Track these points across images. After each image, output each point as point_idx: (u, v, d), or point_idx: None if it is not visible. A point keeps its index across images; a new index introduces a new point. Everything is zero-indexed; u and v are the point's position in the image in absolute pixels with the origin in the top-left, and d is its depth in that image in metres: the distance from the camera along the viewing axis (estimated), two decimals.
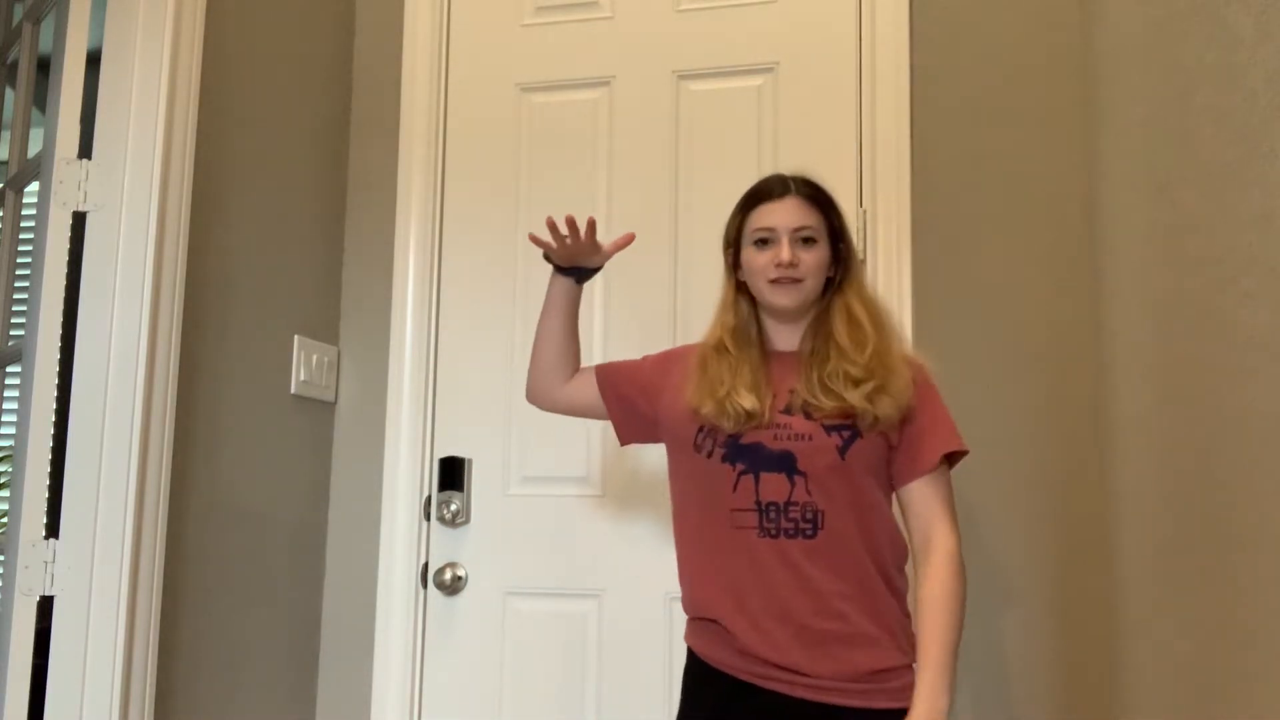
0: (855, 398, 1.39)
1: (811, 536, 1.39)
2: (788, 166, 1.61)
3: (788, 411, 1.44)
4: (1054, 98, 1.89)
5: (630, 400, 1.57)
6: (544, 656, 1.99)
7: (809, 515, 1.39)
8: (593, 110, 2.10)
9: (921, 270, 1.90)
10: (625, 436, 1.60)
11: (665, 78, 2.07)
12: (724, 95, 2.05)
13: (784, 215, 1.45)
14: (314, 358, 2.03)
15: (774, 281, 1.44)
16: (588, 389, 1.59)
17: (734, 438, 1.42)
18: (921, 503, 1.42)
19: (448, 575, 2.02)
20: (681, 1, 2.09)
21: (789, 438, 1.41)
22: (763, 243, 1.45)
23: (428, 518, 2.05)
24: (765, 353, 1.50)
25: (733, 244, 1.52)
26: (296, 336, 1.98)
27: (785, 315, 1.48)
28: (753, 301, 1.52)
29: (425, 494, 2.06)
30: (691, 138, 2.06)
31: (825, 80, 2.00)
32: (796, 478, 1.40)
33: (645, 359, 1.61)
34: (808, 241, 1.44)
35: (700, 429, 1.45)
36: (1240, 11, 1.01)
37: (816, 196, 1.48)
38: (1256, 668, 1.01)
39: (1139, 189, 1.47)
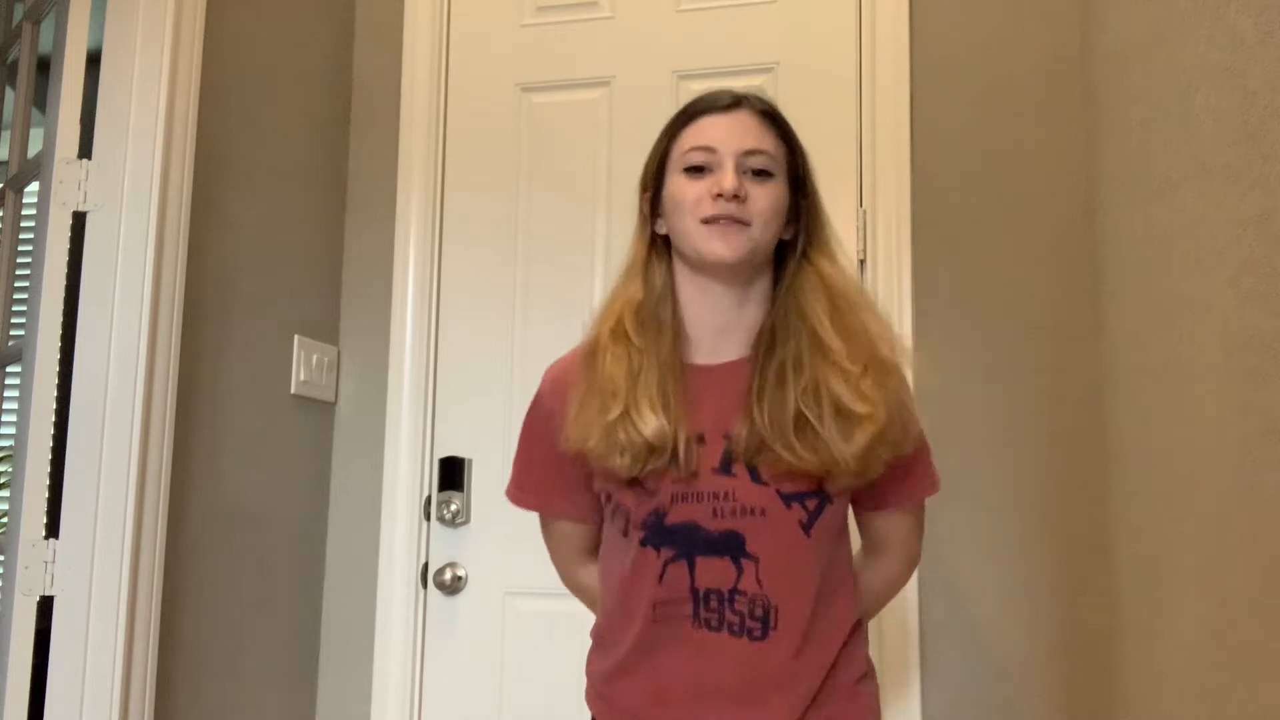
0: (848, 452, 1.03)
1: (761, 638, 1.07)
2: None
3: (725, 468, 1.07)
4: (1054, 98, 1.89)
5: (570, 487, 1.20)
6: (544, 656, 1.99)
7: (758, 612, 1.06)
8: (593, 110, 2.10)
9: (921, 270, 1.90)
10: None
11: (665, 78, 2.07)
12: None
13: (730, 131, 1.10)
14: (314, 358, 2.03)
15: (709, 221, 1.07)
16: (585, 537, 1.26)
17: (656, 514, 1.07)
18: (892, 530, 1.20)
19: (448, 575, 2.02)
20: (681, 1, 2.09)
21: (733, 512, 1.06)
22: (696, 170, 1.10)
23: (428, 518, 2.05)
24: (683, 361, 1.11)
25: (653, 182, 1.16)
26: (296, 336, 1.98)
27: (720, 278, 1.11)
28: (672, 269, 1.15)
29: (425, 494, 2.06)
30: None
31: (825, 80, 1.99)
32: (745, 562, 1.07)
33: (524, 429, 1.24)
34: (760, 175, 1.10)
35: (607, 496, 1.12)
36: (1240, 11, 1.01)
37: (776, 117, 1.14)
38: (1257, 668, 1.01)
39: (1139, 189, 1.47)
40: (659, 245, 1.16)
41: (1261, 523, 0.98)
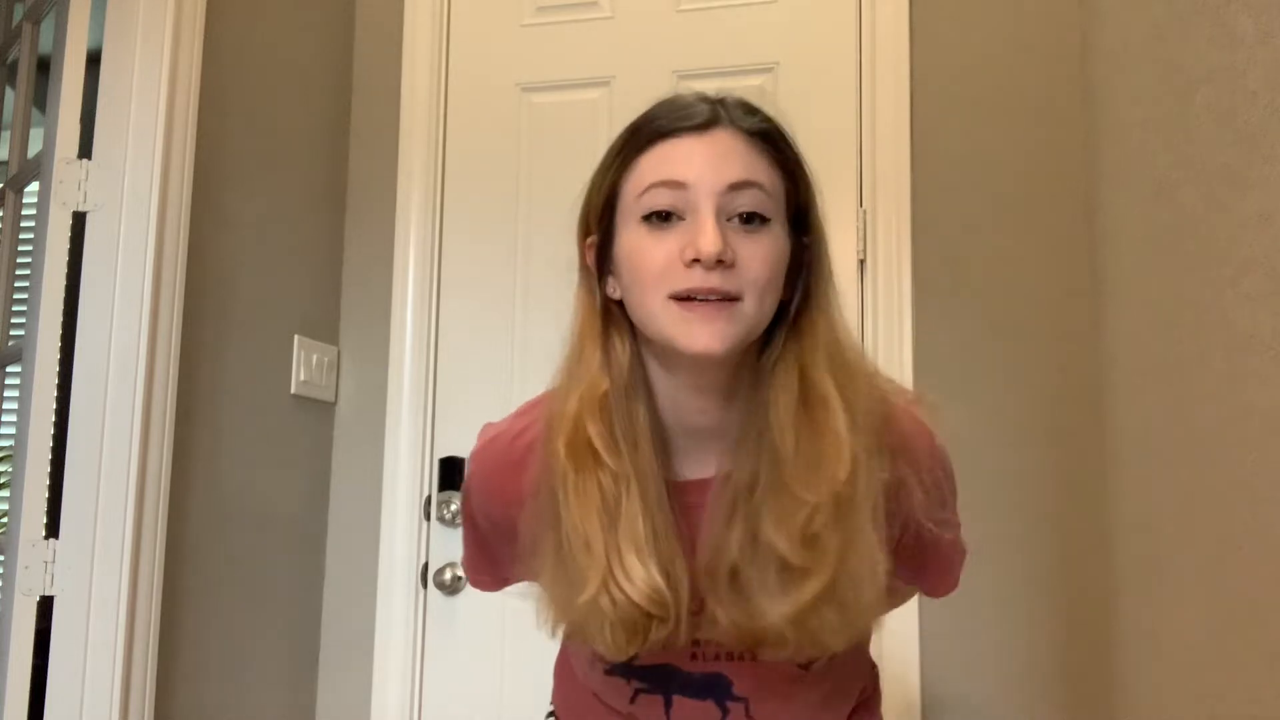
0: (777, 614, 0.79)
1: None
2: None
3: (703, 607, 0.85)
4: (1054, 98, 1.89)
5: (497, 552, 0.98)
6: (544, 656, 1.98)
7: None
8: (593, 110, 2.10)
9: (921, 270, 1.90)
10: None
11: (665, 78, 2.07)
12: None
13: (708, 160, 0.80)
14: (314, 358, 2.03)
15: (682, 299, 0.78)
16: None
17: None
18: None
19: (448, 575, 2.02)
20: (681, 1, 2.09)
21: (715, 656, 0.90)
22: (661, 218, 0.79)
23: (428, 518, 2.05)
24: (668, 476, 0.85)
25: (598, 224, 0.86)
26: (296, 336, 1.98)
27: (702, 373, 0.83)
28: (634, 335, 0.85)
29: (425, 494, 2.06)
30: None
31: (825, 80, 1.99)
32: (732, 704, 0.91)
33: (464, 513, 1.01)
34: (752, 221, 0.80)
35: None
36: (1240, 11, 1.01)
37: (770, 133, 0.83)
38: (1257, 669, 1.01)
39: (1139, 189, 1.47)
40: (615, 312, 0.85)
41: (1261, 523, 0.98)
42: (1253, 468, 1.00)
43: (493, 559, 0.98)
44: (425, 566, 2.04)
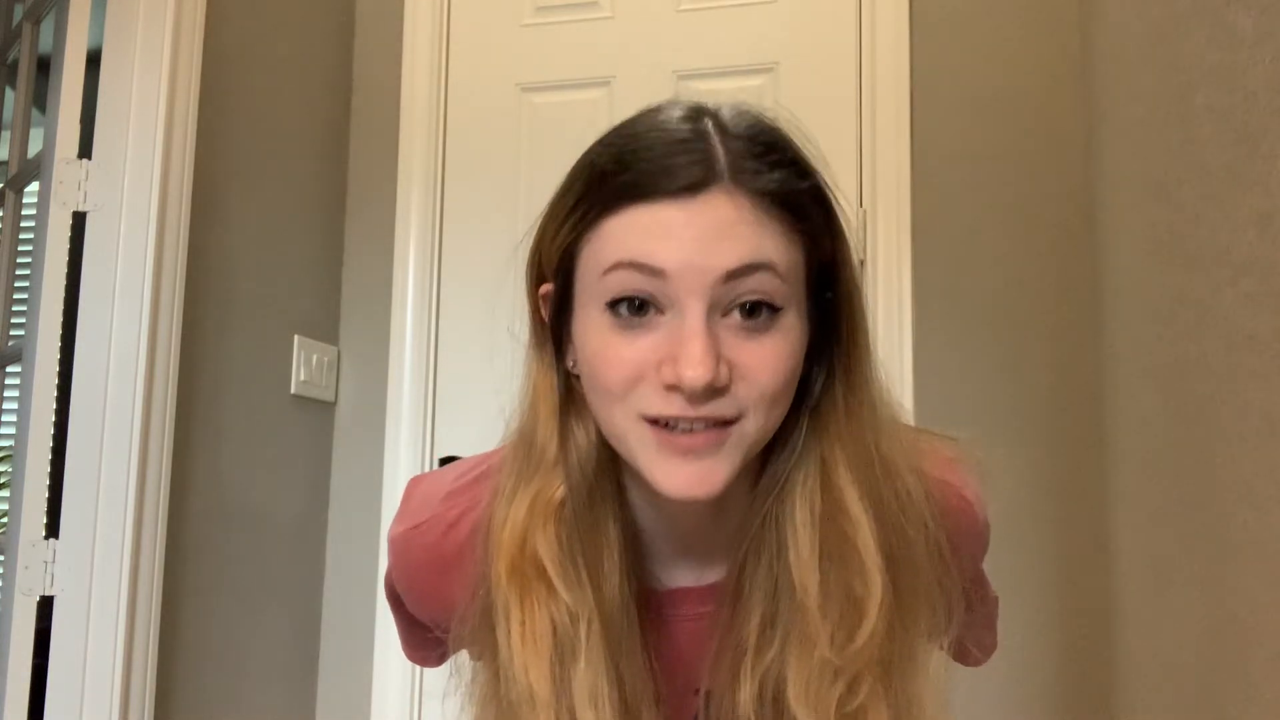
0: None
1: None
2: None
3: None
4: (1054, 98, 1.89)
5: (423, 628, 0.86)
6: None
7: None
8: (593, 110, 2.10)
9: (921, 270, 1.90)
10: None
11: (665, 78, 2.07)
12: (724, 95, 2.04)
13: (699, 241, 0.60)
14: (314, 358, 2.03)
15: (659, 424, 0.61)
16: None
17: None
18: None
19: None
20: (681, 1, 2.09)
21: None
22: (633, 308, 0.61)
23: None
24: (641, 584, 0.70)
25: (554, 275, 0.69)
26: (296, 336, 1.98)
27: (688, 506, 0.65)
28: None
29: None
30: None
31: (825, 80, 1.99)
32: None
33: (389, 600, 0.91)
34: (758, 314, 0.61)
35: None
36: (1240, 11, 1.00)
37: (790, 195, 0.62)
38: (1258, 670, 1.01)
39: (1139, 189, 1.47)
40: (577, 391, 0.68)
41: (1261, 523, 0.98)
42: (1252, 468, 1.00)
43: (432, 641, 0.82)
44: None
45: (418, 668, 2.02)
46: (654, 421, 0.61)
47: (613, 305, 0.61)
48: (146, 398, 1.57)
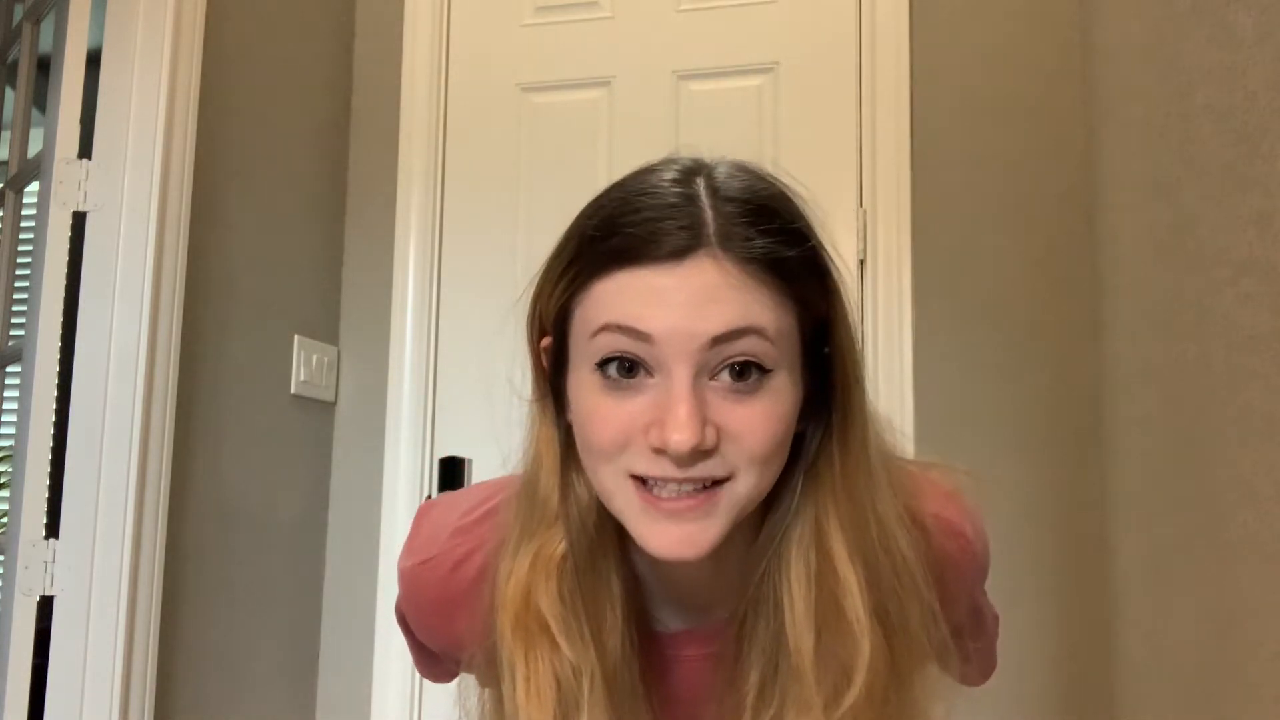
0: None
1: None
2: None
3: None
4: (1054, 98, 1.88)
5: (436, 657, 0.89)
6: None
7: None
8: (593, 110, 2.10)
9: (921, 270, 1.90)
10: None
11: (665, 78, 2.07)
12: (724, 95, 2.05)
13: (685, 308, 0.60)
14: (314, 358, 2.03)
15: (644, 483, 0.62)
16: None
17: None
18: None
19: None
20: (681, 1, 2.09)
21: None
22: (622, 369, 0.62)
23: None
24: (644, 629, 0.72)
25: (554, 327, 0.69)
26: (296, 336, 1.98)
27: (680, 569, 0.68)
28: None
29: (425, 494, 2.06)
30: (692, 138, 2.05)
31: (825, 80, 1.99)
32: None
33: (403, 623, 0.92)
34: (745, 375, 0.61)
35: None
36: (1240, 11, 1.00)
37: (780, 262, 0.62)
38: (1258, 670, 1.01)
39: (1139, 189, 1.47)
40: (577, 446, 0.67)
41: (1261, 523, 0.98)
42: (1252, 468, 1.00)
43: (444, 664, 0.87)
44: None
45: (418, 668, 2.02)
46: (643, 481, 0.62)
47: (602, 366, 0.62)
48: (146, 398, 1.57)
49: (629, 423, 0.61)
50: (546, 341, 0.70)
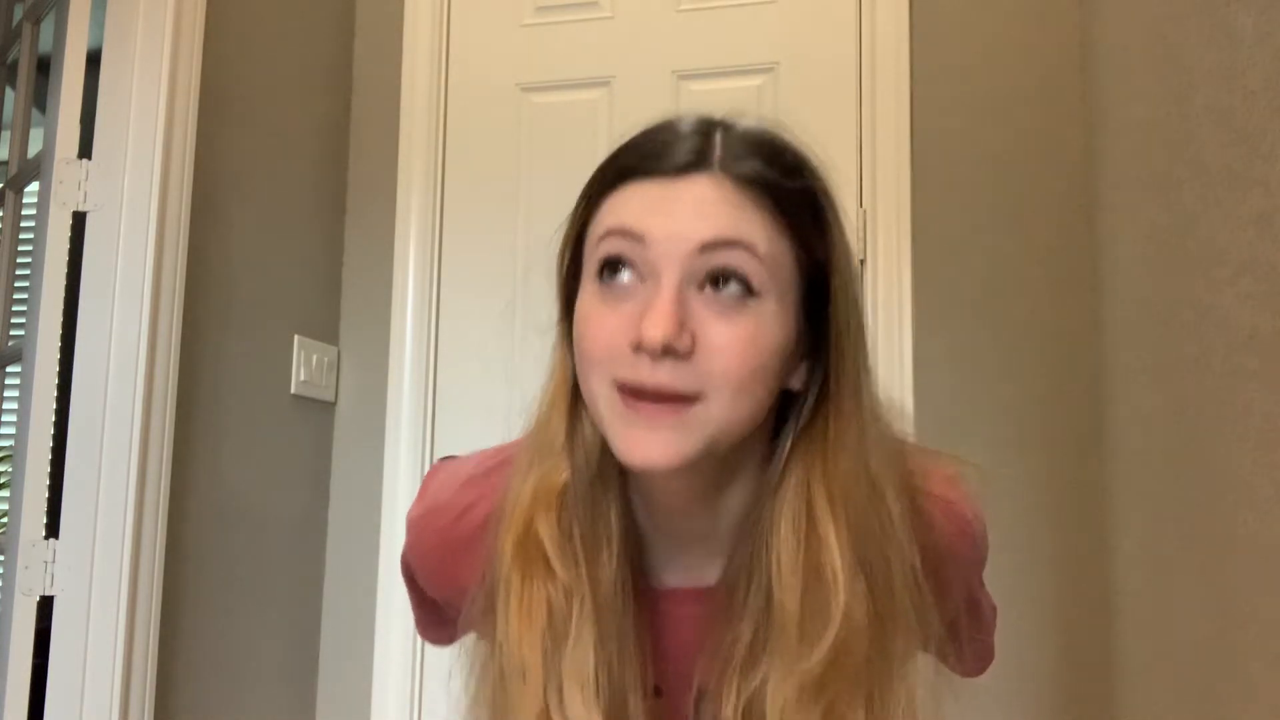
0: None
1: None
2: None
3: None
4: (1054, 98, 1.88)
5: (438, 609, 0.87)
6: None
7: None
8: (593, 110, 2.10)
9: (921, 270, 1.89)
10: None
11: (665, 78, 2.07)
12: (724, 95, 2.05)
13: (677, 212, 0.63)
14: (314, 358, 2.03)
15: (628, 393, 0.62)
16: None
17: None
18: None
19: None
20: (681, 1, 2.09)
21: None
22: (613, 270, 0.64)
23: None
24: (638, 583, 0.72)
25: (569, 265, 0.71)
26: (296, 336, 1.98)
27: (668, 482, 0.68)
28: None
29: None
30: None
31: (825, 80, 1.99)
32: None
33: (406, 573, 0.88)
34: (728, 288, 0.62)
35: None
36: (1240, 11, 1.00)
37: (770, 183, 0.64)
38: (1258, 670, 1.01)
39: (1139, 189, 1.47)
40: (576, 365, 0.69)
41: (1261, 523, 0.98)
42: (1252, 468, 1.00)
43: (444, 620, 0.85)
44: None
45: (417, 668, 2.02)
46: (626, 390, 0.62)
47: (600, 272, 0.65)
48: (146, 398, 1.57)
49: (618, 327, 0.63)
50: (567, 280, 0.72)
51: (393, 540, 2.04)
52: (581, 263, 0.68)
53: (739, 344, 0.62)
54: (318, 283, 2.09)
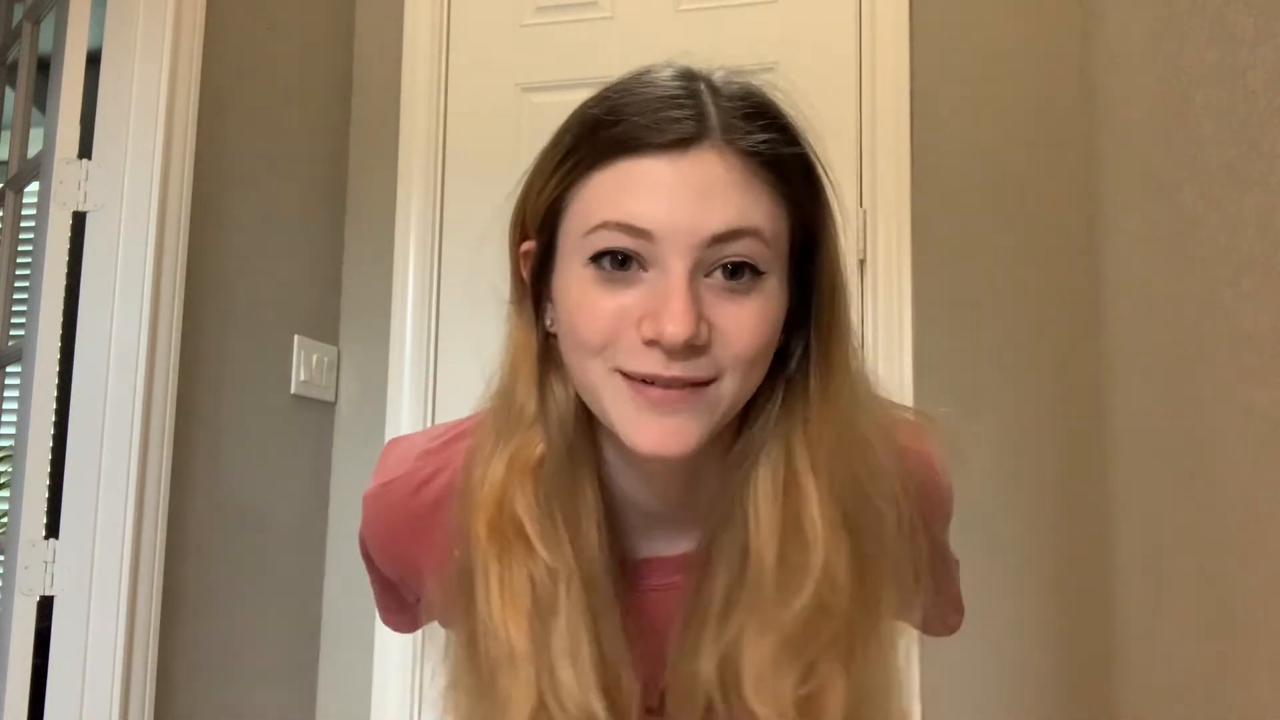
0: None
1: None
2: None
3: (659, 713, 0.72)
4: (1054, 98, 1.88)
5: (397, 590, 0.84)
6: None
7: None
8: None
9: (921, 270, 1.89)
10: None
11: None
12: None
13: (683, 200, 0.60)
14: (314, 358, 2.03)
15: (635, 380, 0.61)
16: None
17: None
18: None
19: None
20: (681, 1, 2.09)
21: None
22: (616, 263, 0.61)
23: None
24: (617, 554, 0.70)
25: (538, 232, 0.67)
26: (296, 336, 1.98)
27: (661, 464, 0.66)
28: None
29: None
30: None
31: (825, 80, 1.99)
32: None
33: (364, 549, 0.84)
34: (740, 276, 0.61)
35: None
36: (1240, 11, 1.00)
37: (777, 159, 0.63)
38: (1257, 669, 1.01)
39: (1139, 189, 1.47)
40: (556, 350, 0.67)
41: (1261, 523, 0.98)
42: (1252, 468, 1.00)
43: (404, 605, 0.83)
44: None
45: (417, 668, 2.02)
46: (630, 378, 0.61)
47: (596, 259, 0.62)
48: (146, 398, 1.57)
49: (621, 314, 0.61)
50: (528, 245, 0.69)
51: None
52: (557, 235, 0.65)
53: (750, 324, 0.61)
54: (318, 282, 2.09)
